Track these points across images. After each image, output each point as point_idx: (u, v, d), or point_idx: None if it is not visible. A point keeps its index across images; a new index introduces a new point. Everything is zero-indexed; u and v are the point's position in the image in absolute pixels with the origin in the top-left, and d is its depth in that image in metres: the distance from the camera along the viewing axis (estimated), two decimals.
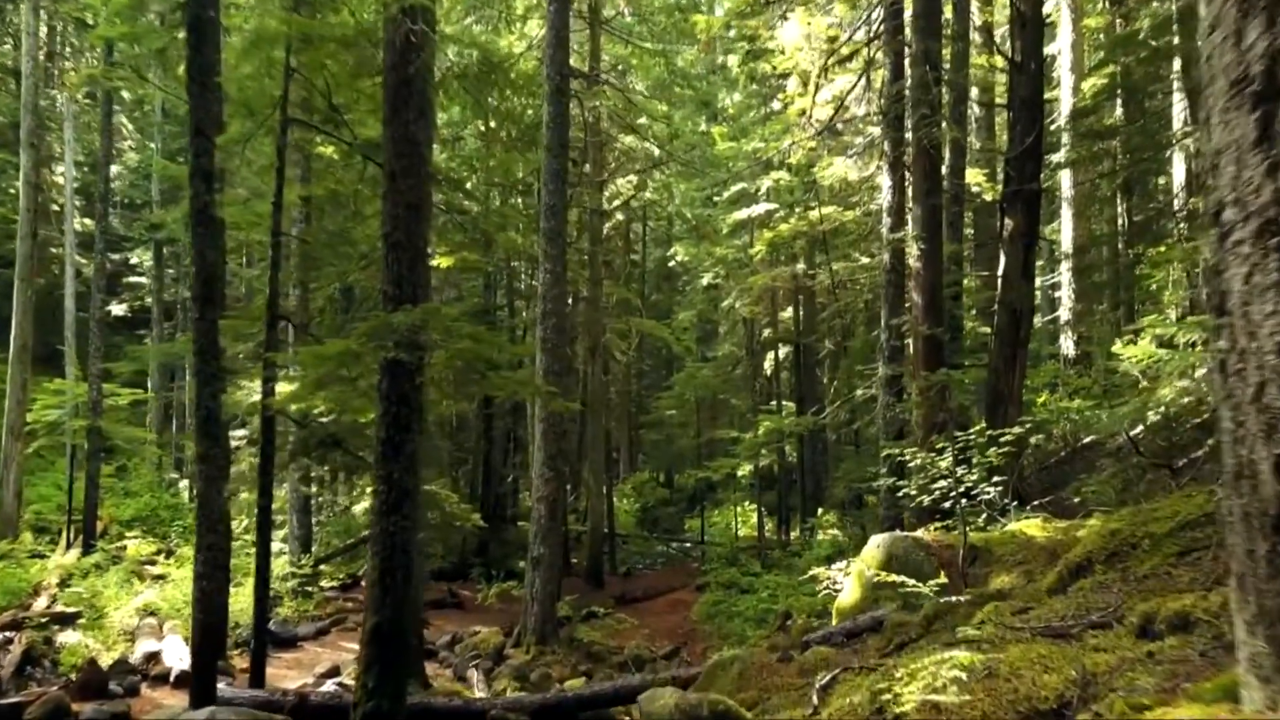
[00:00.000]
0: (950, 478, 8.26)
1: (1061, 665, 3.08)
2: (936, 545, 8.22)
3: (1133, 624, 3.36)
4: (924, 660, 4.03)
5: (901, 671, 4.07)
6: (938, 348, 12.28)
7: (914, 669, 3.70)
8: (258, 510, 9.17)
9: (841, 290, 21.11)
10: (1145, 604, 3.48)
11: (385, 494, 6.58)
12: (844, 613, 8.50)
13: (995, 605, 5.01)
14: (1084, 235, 23.67)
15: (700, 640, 16.59)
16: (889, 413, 12.58)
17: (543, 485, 13.96)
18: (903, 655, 6.43)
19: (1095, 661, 3.07)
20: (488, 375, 6.84)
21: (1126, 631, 3.35)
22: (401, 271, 6.69)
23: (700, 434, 28.50)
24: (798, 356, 25.08)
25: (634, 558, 27.05)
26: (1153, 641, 3.13)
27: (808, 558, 16.76)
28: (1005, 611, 4.87)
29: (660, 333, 24.15)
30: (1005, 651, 3.55)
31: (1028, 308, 12.16)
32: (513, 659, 13.55)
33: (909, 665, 4.38)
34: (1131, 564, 4.95)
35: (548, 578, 13.94)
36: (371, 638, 6.41)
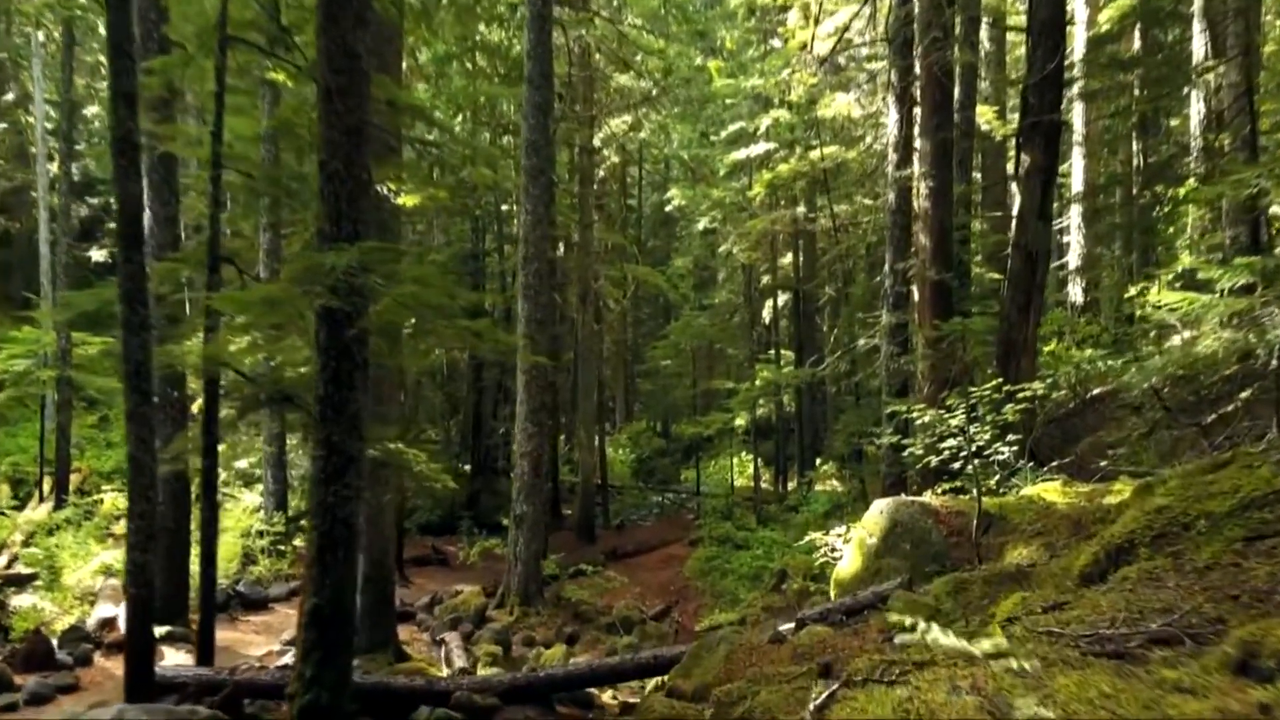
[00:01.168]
0: (961, 436, 7.48)
1: (1136, 712, 2.32)
2: (945, 511, 7.48)
3: (1228, 655, 2.58)
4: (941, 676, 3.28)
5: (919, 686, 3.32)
6: (946, 294, 11.44)
7: (931, 700, 2.95)
8: (202, 472, 8.41)
9: (843, 234, 20.18)
10: (1246, 627, 2.70)
11: (324, 460, 5.79)
12: (843, 584, 7.78)
13: (1022, 597, 4.26)
14: (1096, 176, 22.69)
15: (692, 598, 16.01)
16: (892, 364, 11.77)
17: (526, 440, 13.22)
18: None
19: (1183, 713, 2.30)
20: (438, 325, 6.02)
21: (1217, 664, 2.58)
22: (340, 206, 5.81)
23: (696, 384, 27.75)
24: (797, 304, 24.22)
25: (628, 510, 26.49)
26: (1262, 685, 2.36)
27: (804, 514, 16.11)
28: (1035, 605, 4.11)
29: (655, 279, 23.27)
30: (1052, 680, 2.79)
31: (1044, 250, 11.27)
32: (495, 621, 12.94)
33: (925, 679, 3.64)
34: (1185, 549, 4.18)
35: (532, 536, 13.27)
36: (310, 621, 5.68)
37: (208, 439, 7.98)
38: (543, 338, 13.25)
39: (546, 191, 13.46)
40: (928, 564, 7.13)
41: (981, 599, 5.60)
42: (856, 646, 5.97)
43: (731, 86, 22.00)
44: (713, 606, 14.96)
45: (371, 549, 10.29)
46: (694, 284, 33.97)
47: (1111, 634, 3.28)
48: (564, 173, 26.40)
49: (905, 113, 12.12)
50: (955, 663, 4.13)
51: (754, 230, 21.97)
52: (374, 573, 10.30)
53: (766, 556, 15.80)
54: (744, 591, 14.85)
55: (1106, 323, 21.83)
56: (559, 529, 21.21)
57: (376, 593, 10.31)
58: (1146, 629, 3.26)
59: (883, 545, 7.50)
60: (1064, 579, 5.14)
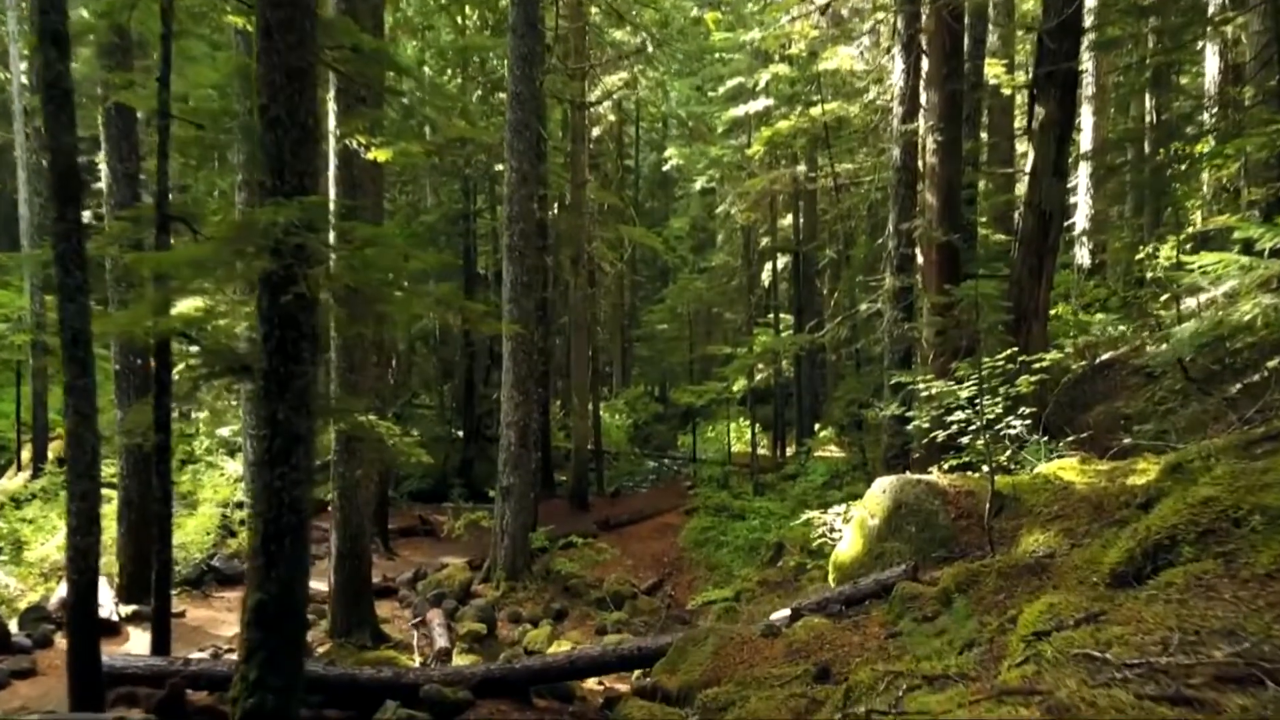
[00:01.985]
0: (970, 409, 6.91)
1: None
2: (953, 491, 6.93)
3: None
4: None
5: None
6: (953, 256, 10.81)
7: None
8: (156, 448, 7.87)
9: (844, 193, 19.45)
10: None
11: (269, 440, 5.22)
12: (842, 568, 7.26)
13: (1049, 603, 3.70)
14: (1106, 133, 21.92)
15: (686, 570, 15.56)
16: (896, 330, 11.17)
17: (512, 410, 12.66)
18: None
19: None
20: (392, 292, 5.42)
21: None
22: (282, 156, 5.17)
23: (694, 349, 27.14)
24: (797, 266, 23.54)
25: (624, 476, 26.03)
26: None
27: (803, 484, 15.61)
28: (1066, 615, 3.55)
29: (650, 241, 22.58)
30: None
31: (1058, 209, 10.63)
32: (480, 597, 12.47)
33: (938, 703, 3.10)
34: (1239, 551, 3.62)
35: (519, 509, 12.75)
36: (254, 619, 5.14)
37: (158, 412, 7.42)
38: (529, 302, 12.64)
39: (532, 148, 12.76)
40: (934, 549, 6.61)
41: (996, 593, 5.07)
42: (857, 644, 5.45)
43: (730, 40, 21.17)
44: (707, 580, 14.50)
45: (346, 525, 9.78)
46: (692, 246, 33.23)
47: (1167, 665, 2.72)
48: (556, 130, 25.60)
49: (912, 62, 11.39)
50: (970, 682, 3.60)
51: (753, 190, 21.24)
52: (349, 550, 9.80)
53: (763, 528, 15.32)
54: (739, 564, 14.39)
55: (1115, 286, 21.20)
56: (552, 497, 20.75)
57: (352, 571, 9.82)
58: (1209, 658, 2.70)
59: (885, 527, 6.97)
60: (1091, 575, 4.60)
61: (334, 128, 9.33)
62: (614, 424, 30.88)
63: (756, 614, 11.43)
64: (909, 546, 6.68)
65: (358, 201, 9.59)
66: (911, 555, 6.61)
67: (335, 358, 9.65)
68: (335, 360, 9.65)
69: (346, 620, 9.76)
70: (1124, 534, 4.73)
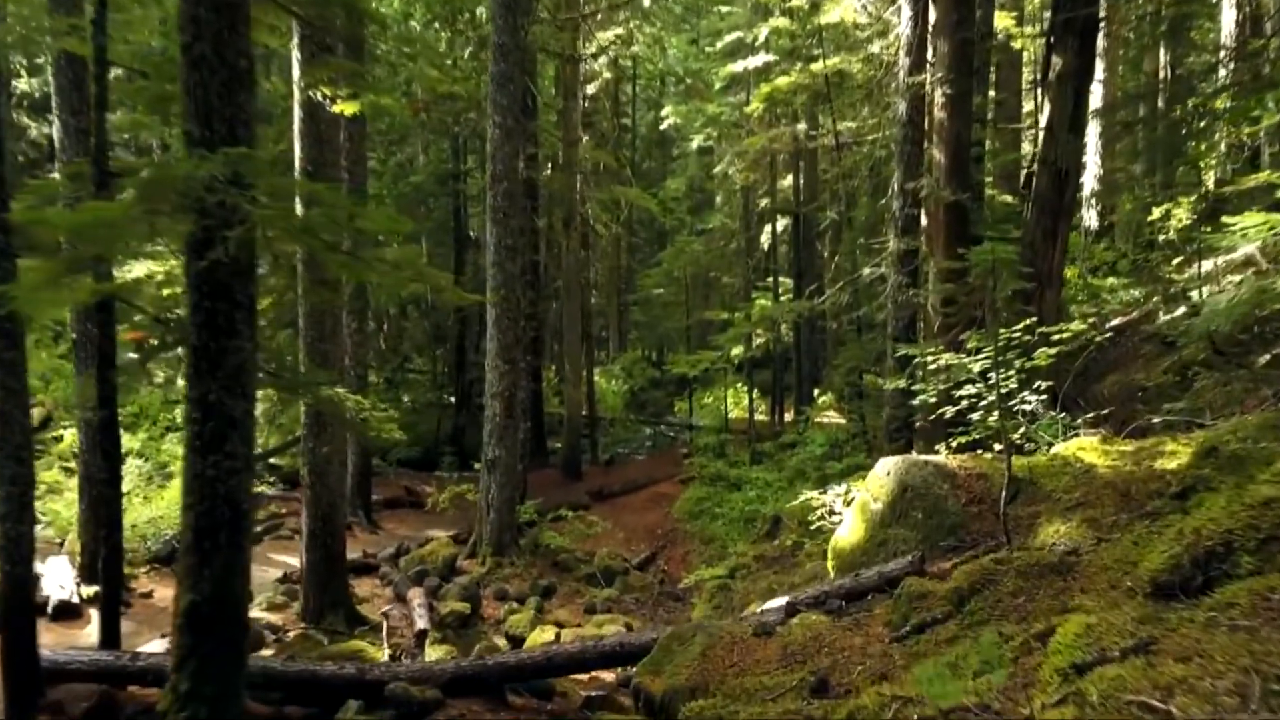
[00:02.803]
0: (983, 383, 6.33)
1: None
2: (964, 474, 6.37)
3: None
4: None
5: None
6: (962, 217, 10.17)
7: None
8: (99, 426, 7.32)
9: (846, 152, 18.71)
10: None
11: (200, 423, 4.64)
12: (842, 556, 6.73)
13: (1086, 625, 3.15)
14: (1118, 90, 21.15)
15: (680, 543, 15.10)
16: (900, 296, 10.56)
17: (497, 379, 12.09)
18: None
19: None
20: (337, 257, 4.81)
21: None
22: (210, 101, 4.54)
23: (690, 314, 26.52)
24: (797, 228, 22.85)
25: (619, 444, 25.57)
26: None
27: (801, 454, 15.09)
28: (1109, 642, 3.00)
29: (646, 202, 21.87)
30: None
31: (1074, 166, 9.98)
32: (465, 573, 11.99)
33: None
34: None
35: (505, 481, 12.24)
36: (186, 622, 4.60)
37: (102, 386, 6.84)
38: (515, 266, 12.01)
39: (517, 102, 12.05)
40: (942, 537, 6.07)
41: (1015, 596, 4.53)
42: (859, 648, 4.92)
43: None
44: (701, 554, 14.05)
45: (318, 503, 9.26)
46: (689, 207, 32.49)
47: None
48: (549, 88, 24.76)
49: (920, 9, 10.66)
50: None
51: (752, 149, 20.51)
52: (321, 528, 9.29)
53: (759, 499, 14.84)
54: (735, 536, 13.92)
55: (1126, 248, 20.55)
56: (545, 466, 20.27)
57: (325, 551, 9.32)
58: None
59: (889, 512, 6.43)
60: (1125, 579, 4.05)
61: (298, 78, 8.67)
62: (610, 390, 30.37)
63: (751, 592, 10.97)
64: (915, 534, 6.14)
65: (325, 158, 8.95)
66: (918, 544, 6.08)
67: (303, 326, 9.06)
68: (303, 329, 9.07)
69: (319, 602, 9.28)
70: (1164, 533, 4.18)
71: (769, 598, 10.57)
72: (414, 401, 26.99)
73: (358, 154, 14.36)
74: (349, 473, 14.66)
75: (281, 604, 9.60)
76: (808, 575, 10.52)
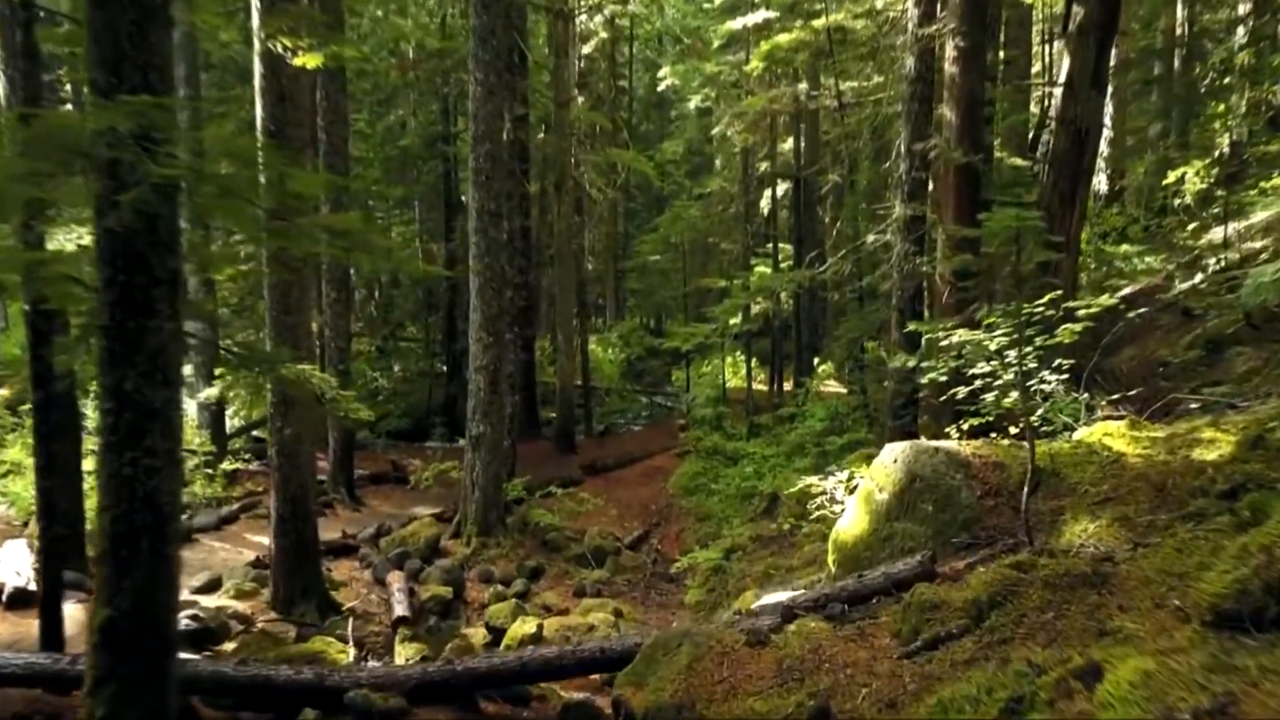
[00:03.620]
0: (999, 361, 5.75)
1: None
2: (978, 462, 5.80)
3: None
4: None
5: None
6: (974, 180, 9.52)
7: None
8: (37, 407, 6.76)
9: (849, 112, 17.97)
10: None
11: (115, 415, 4.07)
12: (844, 550, 6.18)
13: (1143, 671, 2.61)
14: (1132, 48, 20.34)
15: (675, 520, 14.61)
16: (906, 265, 9.94)
17: (481, 352, 11.51)
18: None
19: None
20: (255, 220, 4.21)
21: None
22: (119, 44, 3.91)
23: (687, 282, 25.85)
24: (798, 193, 22.15)
25: (615, 414, 25.04)
26: None
27: (800, 429, 14.55)
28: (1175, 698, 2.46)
29: (641, 165, 21.09)
30: None
31: (1096, 126, 9.32)
32: (449, 554, 11.50)
33: None
34: None
35: (490, 459, 11.70)
36: (102, 641, 4.05)
37: (36, 365, 6.27)
38: (499, 233, 11.38)
39: (500, 58, 11.34)
40: (955, 532, 5.52)
41: (1043, 611, 3.98)
42: (864, 664, 4.38)
43: None
44: (697, 531, 13.55)
45: (287, 485, 8.72)
46: (687, 171, 31.69)
47: None
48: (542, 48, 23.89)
49: None
50: None
51: (751, 109, 19.74)
52: (290, 512, 8.76)
53: (757, 475, 14.33)
54: (731, 513, 13.42)
55: (1138, 213, 19.88)
56: (537, 439, 19.75)
57: (295, 536, 8.80)
58: None
59: (896, 504, 5.87)
60: (1173, 598, 3.50)
61: (257, 27, 8.00)
62: (606, 359, 29.79)
63: (748, 575, 10.48)
64: (925, 529, 5.60)
65: (289, 117, 8.30)
66: (927, 540, 5.54)
67: (268, 298, 8.47)
68: (268, 302, 8.47)
69: (289, 590, 8.78)
70: (1217, 544, 3.62)
71: (766, 584, 10.10)
72: (406, 370, 26.43)
73: (336, 114, 13.67)
74: (330, 448, 14.16)
75: (251, 591, 9.10)
76: (806, 558, 10.02)
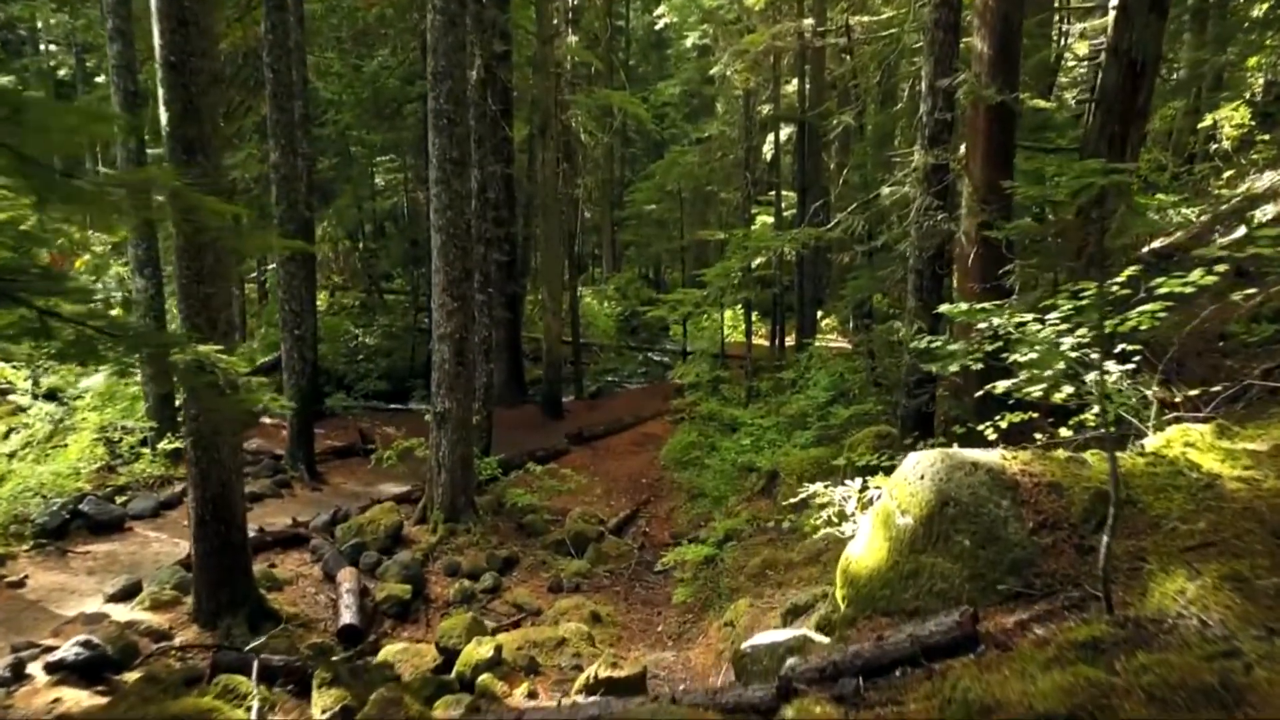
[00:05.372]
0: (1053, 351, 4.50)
1: None
2: (1029, 483, 4.57)
3: None
4: None
5: None
6: (1008, 123, 8.16)
7: None
8: None
9: (858, 49, 16.45)
10: None
11: None
12: (858, 584, 4.98)
13: None
14: None
15: (666, 496, 13.49)
16: (926, 221, 8.62)
17: (445, 319, 10.26)
18: None
19: None
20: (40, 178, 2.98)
21: None
22: None
23: (685, 233, 24.43)
24: (801, 138, 20.65)
25: (609, 373, 23.85)
26: None
27: (802, 399, 13.33)
28: None
29: (633, 107, 19.63)
30: None
31: (1153, 57, 7.92)
32: (413, 544, 10.37)
33: None
34: None
35: (458, 438, 10.52)
36: None
37: None
38: (462, 183, 10.02)
39: None
40: (1001, 577, 4.31)
41: None
42: None
43: None
44: (688, 511, 12.43)
45: (206, 483, 7.53)
46: (685, 114, 30.05)
47: None
48: None
49: None
50: None
51: (753, 47, 18.16)
52: (212, 514, 7.57)
53: (754, 447, 13.14)
54: (728, 491, 12.28)
55: (1166, 160, 18.43)
56: (523, 403, 18.58)
57: (218, 540, 7.62)
58: None
59: (923, 531, 4.66)
60: None
61: None
62: (602, 312, 28.50)
63: (742, 572, 9.34)
64: (960, 568, 4.40)
65: (194, 46, 6.94)
66: (964, 584, 4.34)
67: (176, 265, 7.19)
68: (175, 269, 7.20)
69: (214, 602, 7.63)
70: None
71: (761, 583, 8.95)
72: (391, 325, 25.18)
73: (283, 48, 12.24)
74: (289, 419, 12.97)
75: (171, 600, 7.94)
76: (808, 553, 8.87)
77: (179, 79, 6.97)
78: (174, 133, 7.03)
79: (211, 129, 7.28)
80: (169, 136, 7.04)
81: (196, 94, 7.04)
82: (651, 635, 8.64)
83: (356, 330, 24.10)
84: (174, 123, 7.02)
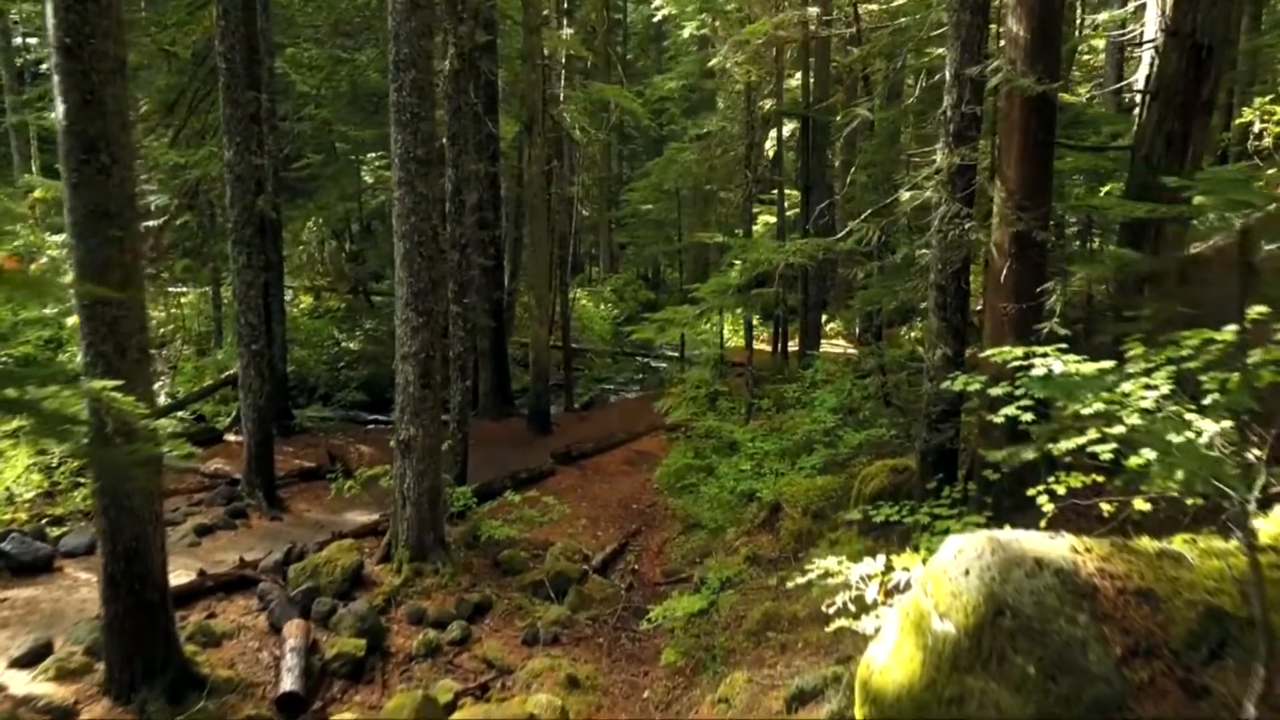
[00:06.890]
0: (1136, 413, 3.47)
1: None
2: (1110, 588, 3.50)
3: None
4: None
5: None
6: (1047, 118, 7.07)
7: None
8: None
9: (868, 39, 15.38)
10: None
11: None
12: (884, 704, 3.91)
13: None
14: None
15: (659, 525, 12.45)
16: (951, 230, 7.54)
17: (409, 335, 9.20)
18: None
19: None
20: None
21: None
22: None
23: (683, 235, 23.34)
24: (806, 134, 19.56)
25: (604, 380, 22.81)
26: None
27: (807, 418, 12.25)
28: None
29: (627, 101, 18.57)
30: None
31: (1220, 42, 6.84)
32: (376, 585, 9.32)
33: None
34: None
35: (424, 469, 9.47)
36: None
37: None
38: (428, 186, 8.96)
39: None
40: (1079, 716, 3.25)
41: None
42: None
43: None
44: (683, 545, 11.39)
45: (116, 537, 6.48)
46: (684, 109, 28.95)
47: None
48: None
49: None
50: None
51: (754, 38, 17.08)
52: (124, 571, 6.54)
53: (755, 473, 12.05)
54: (726, 522, 11.21)
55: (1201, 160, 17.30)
56: (509, 416, 17.52)
57: (133, 599, 6.59)
58: None
59: (970, 645, 3.59)
60: None
61: None
62: (598, 315, 27.45)
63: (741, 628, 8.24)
64: (1024, 702, 3.35)
65: (94, 26, 5.89)
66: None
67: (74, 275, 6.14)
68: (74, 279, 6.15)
69: (128, 672, 6.60)
70: None
71: (761, 644, 7.87)
72: (376, 329, 24.12)
73: (237, 36, 11.17)
74: (245, 440, 11.90)
75: (81, 667, 6.89)
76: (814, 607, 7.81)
77: (77, 65, 5.93)
78: (71, 128, 5.98)
79: (119, 124, 6.23)
80: (65, 133, 5.99)
81: (99, 83, 6.00)
82: (635, 703, 7.60)
83: (340, 335, 23.07)
84: (71, 116, 5.97)
